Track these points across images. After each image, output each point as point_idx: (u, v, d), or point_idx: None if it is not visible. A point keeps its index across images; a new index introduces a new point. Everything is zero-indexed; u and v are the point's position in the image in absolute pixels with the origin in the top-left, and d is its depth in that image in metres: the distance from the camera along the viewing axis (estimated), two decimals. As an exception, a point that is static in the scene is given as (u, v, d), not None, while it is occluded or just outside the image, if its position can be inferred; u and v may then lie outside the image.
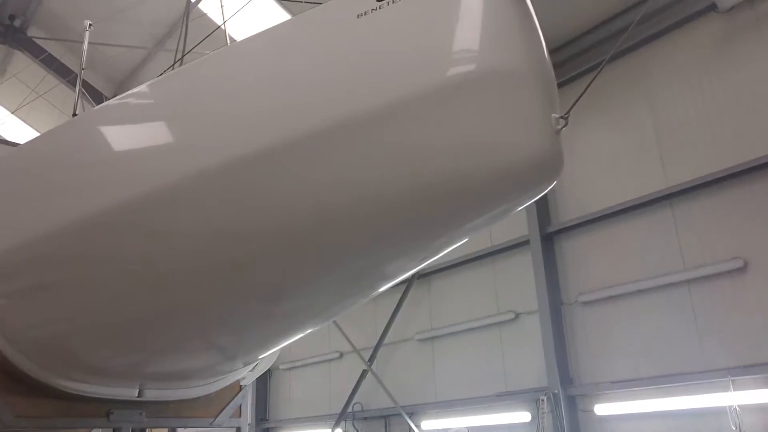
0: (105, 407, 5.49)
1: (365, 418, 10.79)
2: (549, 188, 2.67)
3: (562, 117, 2.50)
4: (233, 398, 6.64)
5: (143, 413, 5.74)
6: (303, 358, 12.80)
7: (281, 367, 13.37)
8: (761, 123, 6.82)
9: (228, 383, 6.56)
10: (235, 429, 6.75)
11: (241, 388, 6.75)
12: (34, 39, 11.88)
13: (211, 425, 6.73)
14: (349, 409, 10.89)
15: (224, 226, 3.12)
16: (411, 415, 9.73)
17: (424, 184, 2.57)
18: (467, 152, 2.48)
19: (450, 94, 2.46)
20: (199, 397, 6.22)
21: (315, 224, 2.89)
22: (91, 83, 11.74)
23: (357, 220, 2.82)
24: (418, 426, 9.56)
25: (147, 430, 6.76)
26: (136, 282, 3.77)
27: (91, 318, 4.32)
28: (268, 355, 8.26)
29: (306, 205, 2.85)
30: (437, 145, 2.50)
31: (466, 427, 5.88)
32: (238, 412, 6.67)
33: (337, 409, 11.05)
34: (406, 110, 2.51)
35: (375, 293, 4.09)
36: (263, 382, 13.65)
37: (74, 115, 5.09)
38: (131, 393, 5.47)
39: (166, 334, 4.57)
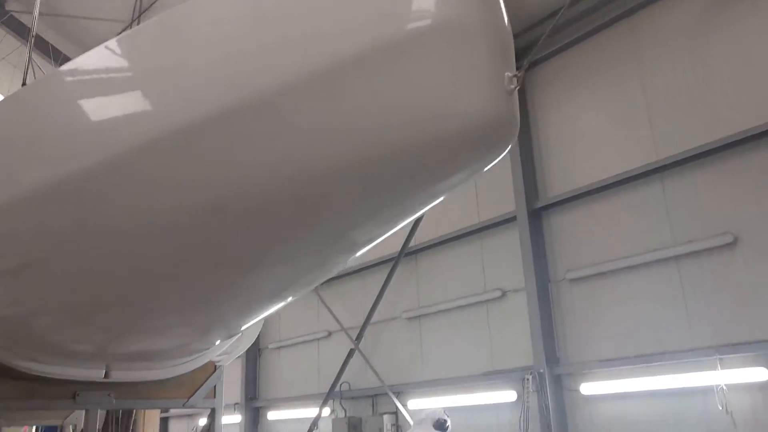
0: (71, 389, 5.35)
1: (353, 398, 10.70)
2: (504, 152, 2.46)
3: (515, 75, 2.28)
4: (207, 379, 6.49)
5: (111, 395, 5.61)
6: (291, 337, 12.70)
7: (270, 346, 13.29)
8: (755, 93, 6.56)
9: (200, 364, 6.40)
10: (210, 410, 6.60)
11: (215, 368, 6.59)
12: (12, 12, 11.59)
13: (184, 406, 6.60)
14: (337, 389, 10.81)
15: (184, 194, 2.93)
16: (398, 394, 9.64)
17: (370, 145, 2.38)
18: (412, 111, 2.27)
19: (395, 49, 2.25)
20: (170, 378, 6.10)
21: (274, 189, 2.71)
22: (69, 56, 11.44)
23: (301, 185, 2.63)
24: (404, 405, 9.46)
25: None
26: (91, 258, 3.58)
27: (48, 297, 4.13)
28: (244, 338, 8.13)
29: (261, 170, 2.67)
30: (380, 103, 2.30)
31: (443, 408, 5.73)
32: (213, 393, 6.52)
33: (326, 388, 10.98)
34: (351, 67, 2.32)
35: (337, 266, 3.89)
36: (253, 362, 13.59)
37: (23, 85, 4.85)
38: (98, 374, 5.31)
39: (127, 313, 4.38)
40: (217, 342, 6.41)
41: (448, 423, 5.63)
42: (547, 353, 7.80)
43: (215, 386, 6.59)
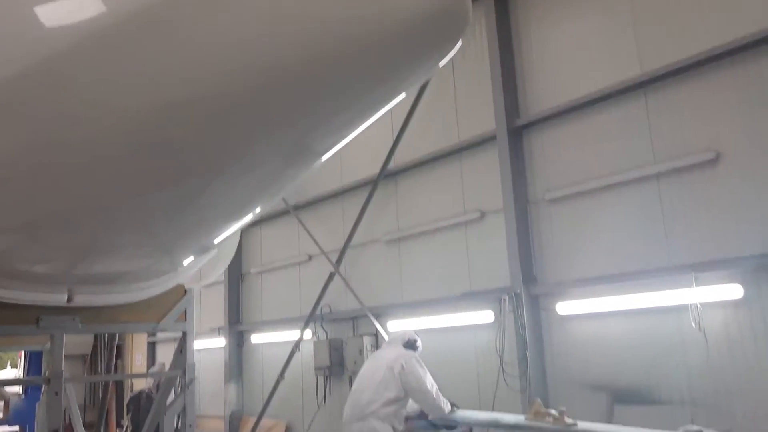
0: (33, 314, 5.24)
1: (334, 320, 10.75)
2: (455, 43, 2.21)
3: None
4: (177, 302, 6.39)
5: (77, 319, 5.50)
6: (273, 261, 12.67)
7: (252, 270, 13.27)
8: (742, 2, 6.22)
9: (169, 287, 6.29)
10: (181, 333, 6.52)
11: (186, 292, 6.48)
12: None
13: (154, 330, 6.53)
14: (318, 312, 10.85)
15: (132, 97, 2.67)
16: (378, 316, 9.67)
17: (314, 38, 2.14)
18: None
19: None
20: (139, 303, 6.00)
21: (224, 86, 2.50)
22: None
23: (251, 78, 2.41)
24: (384, 327, 9.50)
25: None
26: (41, 172, 3.32)
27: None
28: (218, 262, 7.98)
29: (211, 64, 2.45)
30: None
31: (414, 330, 5.69)
32: (184, 317, 6.43)
33: (307, 311, 11.00)
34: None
35: (299, 172, 3.67)
36: (235, 287, 13.62)
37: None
38: (60, 299, 5.18)
39: (84, 230, 4.17)
40: (185, 262, 6.27)
41: (418, 342, 5.60)
42: (524, 274, 7.75)
43: (186, 310, 6.50)
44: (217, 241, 5.96)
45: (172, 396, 6.38)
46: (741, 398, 5.98)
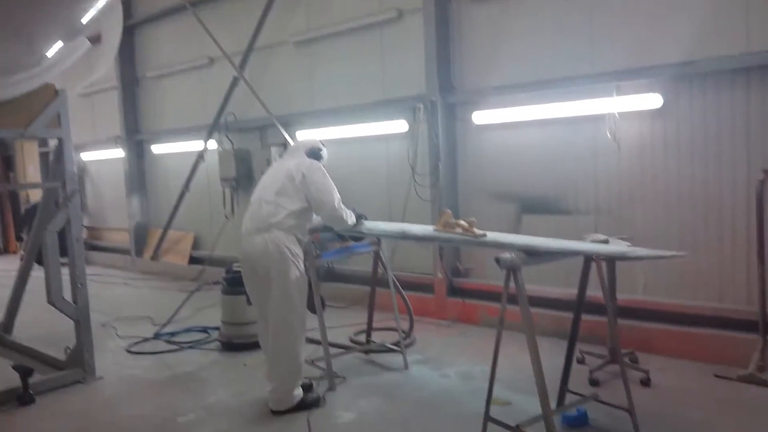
0: None
1: (240, 130, 10.08)
2: None
3: None
4: (48, 105, 5.57)
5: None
6: (171, 64, 11.48)
7: (149, 74, 12.08)
8: None
9: (34, 85, 5.45)
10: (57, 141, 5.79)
11: (57, 93, 5.64)
12: None
13: (23, 137, 5.77)
14: (223, 120, 10.13)
15: None
16: (286, 125, 9.08)
17: None
18: None
19: None
20: (3, 105, 5.23)
21: None
22: None
23: None
24: (293, 136, 8.98)
25: None
26: None
27: None
28: (97, 62, 7.00)
29: None
30: None
31: (321, 140, 5.21)
32: (57, 122, 5.65)
33: (211, 119, 10.29)
34: None
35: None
36: (131, 92, 12.47)
37: None
38: None
39: None
40: (50, 52, 5.38)
41: (323, 152, 5.15)
42: (441, 81, 7.26)
43: (60, 114, 5.71)
44: (84, 20, 5.10)
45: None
46: (642, 206, 6.08)
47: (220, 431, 4.54)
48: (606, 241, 4.35)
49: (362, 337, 6.48)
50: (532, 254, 3.84)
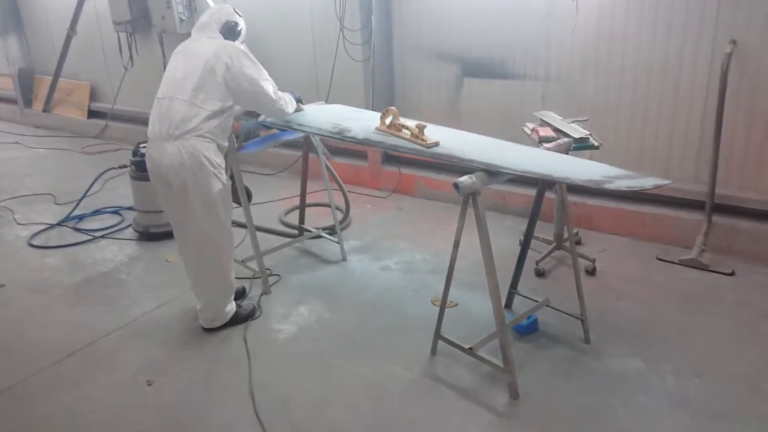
0: None
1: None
2: None
3: None
4: None
5: None
6: None
7: None
8: None
9: None
10: None
11: None
12: None
13: None
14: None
15: None
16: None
17: None
18: None
19: None
20: None
21: None
22: None
23: None
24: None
25: None
26: None
27: None
28: None
29: None
30: None
31: (234, 8, 4.22)
32: None
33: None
34: None
35: None
36: None
37: None
38: None
39: None
40: None
41: (240, 25, 4.21)
42: None
43: None
44: None
45: None
46: (595, 75, 5.60)
47: (150, 360, 4.07)
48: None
49: (293, 217, 6.02)
50: (494, 174, 3.36)
